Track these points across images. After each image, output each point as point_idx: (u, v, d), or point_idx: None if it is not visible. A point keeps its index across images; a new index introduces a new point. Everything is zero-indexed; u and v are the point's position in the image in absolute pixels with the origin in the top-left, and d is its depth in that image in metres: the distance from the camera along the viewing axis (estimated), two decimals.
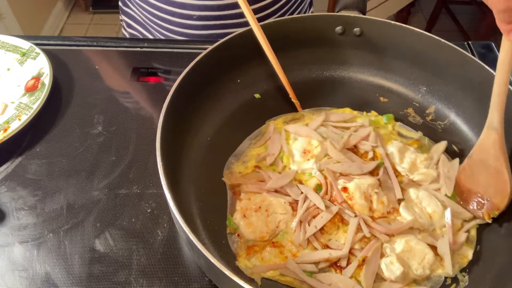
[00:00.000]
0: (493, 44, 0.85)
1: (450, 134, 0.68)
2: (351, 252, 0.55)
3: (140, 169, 0.66)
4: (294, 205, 0.59)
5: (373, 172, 0.62)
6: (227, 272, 0.42)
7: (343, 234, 0.56)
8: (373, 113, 0.70)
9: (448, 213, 0.57)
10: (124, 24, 1.06)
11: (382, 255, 0.54)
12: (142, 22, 0.99)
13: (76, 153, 0.68)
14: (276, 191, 0.60)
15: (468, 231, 0.57)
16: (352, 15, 0.70)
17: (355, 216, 0.57)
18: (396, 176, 0.62)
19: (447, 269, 0.54)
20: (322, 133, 0.66)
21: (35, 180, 0.65)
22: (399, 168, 0.63)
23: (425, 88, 0.71)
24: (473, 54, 0.82)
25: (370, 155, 0.64)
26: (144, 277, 0.55)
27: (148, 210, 0.62)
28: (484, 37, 2.38)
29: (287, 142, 0.66)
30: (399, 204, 0.59)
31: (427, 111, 0.70)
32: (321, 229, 0.56)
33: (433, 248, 0.55)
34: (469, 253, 0.56)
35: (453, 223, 0.57)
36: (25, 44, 0.80)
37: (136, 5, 0.96)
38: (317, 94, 0.73)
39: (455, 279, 0.54)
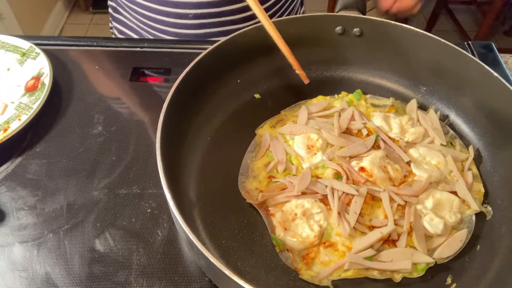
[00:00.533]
0: (493, 44, 0.85)
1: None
2: (395, 223, 0.56)
3: (140, 169, 0.66)
4: (324, 200, 0.59)
5: (374, 146, 0.64)
6: (227, 272, 0.42)
7: (379, 210, 0.58)
8: (344, 93, 0.72)
9: (450, 160, 0.62)
10: (115, 32, 1.05)
11: (421, 216, 0.57)
12: (134, 27, 0.98)
13: (76, 153, 0.68)
14: (302, 193, 0.59)
15: (469, 169, 0.63)
16: (352, 15, 0.70)
17: (384, 190, 0.58)
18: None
19: (473, 206, 0.59)
20: (314, 125, 0.67)
21: (35, 180, 0.65)
22: (392, 135, 0.65)
23: (425, 88, 0.71)
24: (473, 54, 0.83)
25: (365, 132, 0.66)
26: (144, 277, 0.55)
27: (148, 210, 0.62)
28: (484, 37, 2.38)
29: (288, 144, 0.66)
30: (409, 166, 0.62)
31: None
32: (359, 213, 0.57)
33: (453, 193, 0.59)
34: (480, 187, 0.62)
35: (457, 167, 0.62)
36: (25, 44, 0.80)
37: (128, 9, 0.95)
38: (317, 94, 0.73)
39: (454, 279, 0.54)
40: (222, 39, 0.65)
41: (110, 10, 1.03)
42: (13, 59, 0.79)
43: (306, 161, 0.63)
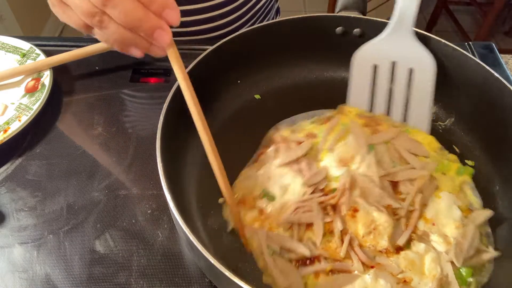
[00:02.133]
0: (493, 45, 0.85)
1: (451, 134, 0.68)
2: (318, 257, 0.53)
3: (140, 170, 0.66)
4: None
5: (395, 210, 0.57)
6: (228, 273, 0.42)
7: (325, 243, 0.55)
8: (453, 156, 0.64)
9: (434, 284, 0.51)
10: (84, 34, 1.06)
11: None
12: None
13: (76, 154, 0.68)
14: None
15: None
16: (352, 15, 0.70)
17: (345, 231, 0.54)
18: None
19: None
20: (378, 152, 0.61)
21: (35, 181, 0.65)
22: (421, 226, 0.56)
23: None
24: (473, 55, 0.82)
25: (405, 197, 0.58)
26: (144, 278, 0.55)
27: (148, 211, 0.62)
28: (484, 37, 2.38)
29: (340, 139, 0.63)
30: (396, 250, 0.54)
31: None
32: (309, 226, 0.56)
33: None
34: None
35: None
36: (25, 45, 0.80)
37: None
38: (318, 95, 0.73)
39: None
40: (223, 40, 0.65)
41: None
42: (13, 60, 0.79)
43: (328, 164, 0.61)
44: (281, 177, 0.60)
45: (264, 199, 0.58)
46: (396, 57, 0.66)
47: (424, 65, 0.65)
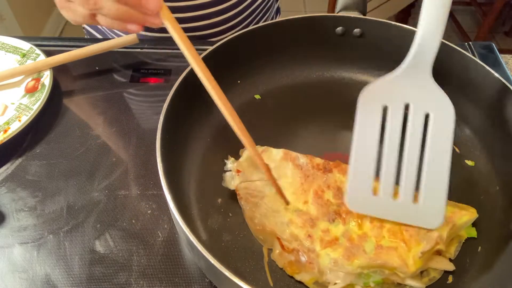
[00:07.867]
0: (493, 45, 0.85)
1: None
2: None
3: (140, 170, 0.66)
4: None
5: None
6: (228, 273, 0.42)
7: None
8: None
9: None
10: (85, 32, 1.05)
11: None
12: (103, 31, 0.99)
13: (76, 154, 0.68)
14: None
15: None
16: (352, 15, 0.70)
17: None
18: None
19: None
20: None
21: (35, 181, 0.65)
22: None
23: None
24: (473, 55, 0.82)
25: None
26: (144, 279, 0.55)
27: (148, 211, 0.62)
28: (484, 37, 2.39)
29: None
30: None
31: None
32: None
33: None
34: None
35: None
36: (25, 45, 0.80)
37: None
38: (318, 95, 0.73)
39: (455, 280, 0.53)
40: (222, 40, 0.65)
41: None
42: (13, 60, 0.79)
43: None
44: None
45: None
46: (410, 99, 0.55)
47: (442, 113, 0.54)
